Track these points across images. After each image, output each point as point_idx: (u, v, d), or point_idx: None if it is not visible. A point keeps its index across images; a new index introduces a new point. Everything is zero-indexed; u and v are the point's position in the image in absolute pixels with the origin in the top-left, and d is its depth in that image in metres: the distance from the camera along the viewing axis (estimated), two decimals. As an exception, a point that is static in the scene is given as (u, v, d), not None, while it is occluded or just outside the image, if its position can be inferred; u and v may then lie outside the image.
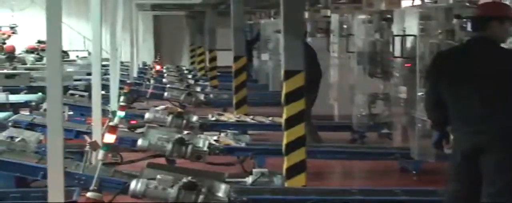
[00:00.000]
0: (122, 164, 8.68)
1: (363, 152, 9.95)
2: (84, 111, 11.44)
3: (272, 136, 11.33)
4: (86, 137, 7.74)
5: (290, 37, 8.05)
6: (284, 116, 8.07)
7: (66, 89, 13.74)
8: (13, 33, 23.99)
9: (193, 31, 26.27)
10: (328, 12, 15.96)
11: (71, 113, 11.68)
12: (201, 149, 8.94)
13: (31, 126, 9.06)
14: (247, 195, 6.77)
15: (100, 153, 6.50)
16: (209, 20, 22.08)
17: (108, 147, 6.51)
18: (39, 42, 22.35)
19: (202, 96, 15.44)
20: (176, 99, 15.10)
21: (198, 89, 16.38)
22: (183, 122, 10.93)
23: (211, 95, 16.11)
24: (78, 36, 29.47)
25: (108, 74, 14.55)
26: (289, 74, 8.06)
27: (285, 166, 7.96)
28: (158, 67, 19.63)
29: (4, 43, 21.66)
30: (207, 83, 18.82)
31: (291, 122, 8.05)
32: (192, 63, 25.99)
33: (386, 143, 10.97)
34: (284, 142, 8.04)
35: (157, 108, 11.30)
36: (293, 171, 7.96)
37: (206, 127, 11.16)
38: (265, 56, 18.92)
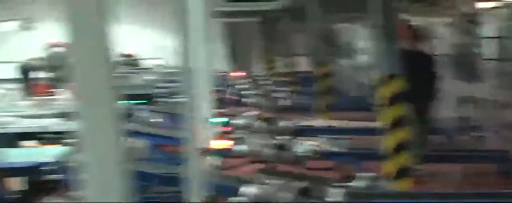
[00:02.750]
0: (224, 169, 8.75)
1: (460, 155, 9.87)
2: (173, 118, 11.55)
3: (364, 140, 11.31)
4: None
5: (390, 41, 8.08)
6: (387, 120, 8.08)
7: (149, 97, 13.91)
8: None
9: (266, 37, 26.31)
10: (407, 16, 15.90)
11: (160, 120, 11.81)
12: (300, 154, 9.01)
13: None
14: (357, 199, 6.78)
15: (212, 159, 6.59)
16: (284, 25, 22.14)
17: (219, 153, 6.59)
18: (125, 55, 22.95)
19: (284, 102, 15.52)
20: (256, 105, 15.20)
21: (277, 95, 16.47)
22: (274, 127, 10.99)
23: (293, 101, 16.15)
24: (152, 44, 29.84)
25: (174, 82, 14.99)
26: (390, 78, 8.07)
27: (388, 170, 7.97)
28: (238, 74, 19.75)
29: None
30: (284, 88, 18.88)
31: (394, 125, 8.07)
32: (266, 69, 26.04)
33: (479, 146, 10.89)
34: (388, 145, 8.05)
35: (246, 114, 11.37)
36: (398, 175, 7.98)
37: (297, 132, 11.20)
38: (344, 62, 18.90)
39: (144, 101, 13.48)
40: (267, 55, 26.10)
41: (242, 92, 16.67)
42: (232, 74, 19.87)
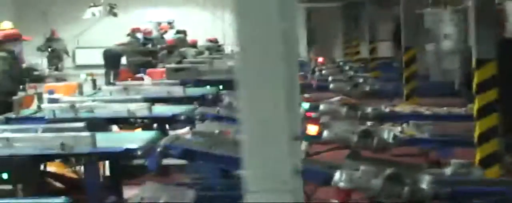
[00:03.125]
0: (310, 155, 8.69)
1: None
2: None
3: (450, 126, 11.12)
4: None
5: (482, 26, 7.93)
6: (476, 106, 7.93)
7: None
8: (170, 28, 24.60)
9: (348, 23, 26.15)
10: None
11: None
12: (386, 140, 8.88)
13: (217, 119, 9.16)
14: (450, 186, 6.65)
15: (302, 144, 6.53)
16: (368, 11, 21.95)
17: (310, 138, 6.53)
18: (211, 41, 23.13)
19: (367, 87, 15.36)
20: (341, 90, 15.07)
21: (360, 80, 16.31)
22: (358, 113, 10.87)
23: (376, 86, 15.97)
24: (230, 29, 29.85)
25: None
26: (481, 63, 7.92)
27: (477, 157, 7.82)
28: (320, 59, 19.66)
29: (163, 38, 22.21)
30: (367, 74, 18.71)
31: (484, 111, 7.91)
32: (346, 55, 25.90)
33: None
34: (476, 132, 7.90)
35: (331, 100, 11.30)
36: (486, 162, 7.81)
37: (381, 118, 11.05)
38: (428, 47, 18.62)
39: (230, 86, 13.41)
40: (347, 41, 25.94)
41: (327, 77, 16.54)
42: (315, 59, 19.78)
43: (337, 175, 6.55)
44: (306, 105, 8.98)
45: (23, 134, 6.69)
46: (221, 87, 12.84)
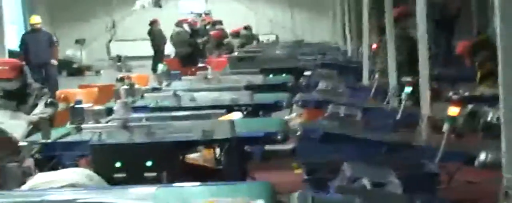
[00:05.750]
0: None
1: None
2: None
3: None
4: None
5: None
6: None
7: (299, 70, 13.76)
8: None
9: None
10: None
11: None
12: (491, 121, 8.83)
13: (319, 104, 9.12)
14: None
15: (445, 126, 6.50)
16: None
17: (452, 119, 6.50)
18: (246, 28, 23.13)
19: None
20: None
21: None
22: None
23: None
24: (264, 20, 29.97)
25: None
26: None
27: None
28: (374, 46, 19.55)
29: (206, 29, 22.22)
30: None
31: None
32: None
33: None
34: None
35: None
36: None
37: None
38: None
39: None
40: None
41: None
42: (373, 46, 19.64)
43: (482, 155, 6.51)
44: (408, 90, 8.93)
45: (162, 122, 6.69)
46: (284, 75, 12.87)
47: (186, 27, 20.98)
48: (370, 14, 14.17)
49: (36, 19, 17.98)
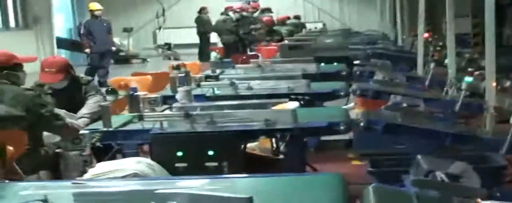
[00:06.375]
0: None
1: None
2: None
3: None
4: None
5: None
6: None
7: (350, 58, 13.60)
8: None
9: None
10: None
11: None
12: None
13: (377, 94, 8.98)
14: None
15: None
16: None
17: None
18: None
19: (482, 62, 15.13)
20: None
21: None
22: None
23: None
24: (311, 8, 29.79)
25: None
26: None
27: None
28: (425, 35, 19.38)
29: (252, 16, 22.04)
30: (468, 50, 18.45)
31: None
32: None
33: None
34: None
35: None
36: None
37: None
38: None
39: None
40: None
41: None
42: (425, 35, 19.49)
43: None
44: (469, 79, 8.74)
45: (221, 111, 6.60)
46: (335, 63, 12.74)
47: (231, 14, 20.86)
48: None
49: (96, 5, 17.80)
